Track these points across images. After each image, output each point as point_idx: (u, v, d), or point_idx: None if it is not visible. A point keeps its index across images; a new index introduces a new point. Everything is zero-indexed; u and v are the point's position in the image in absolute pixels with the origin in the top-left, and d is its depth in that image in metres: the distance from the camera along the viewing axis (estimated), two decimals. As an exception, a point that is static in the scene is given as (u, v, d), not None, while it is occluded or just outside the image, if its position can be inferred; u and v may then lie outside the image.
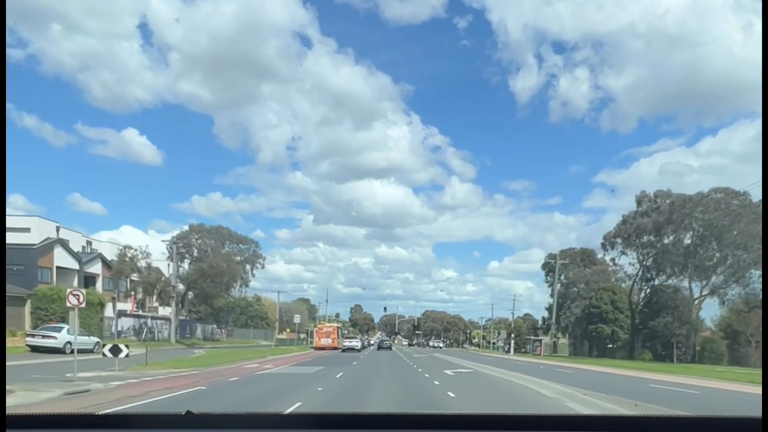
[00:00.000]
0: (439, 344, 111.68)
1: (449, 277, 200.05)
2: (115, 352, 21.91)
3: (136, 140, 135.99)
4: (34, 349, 29.59)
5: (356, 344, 59.56)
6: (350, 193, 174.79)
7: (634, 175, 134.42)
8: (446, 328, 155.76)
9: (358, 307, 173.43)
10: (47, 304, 39.28)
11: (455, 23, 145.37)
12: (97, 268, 55.86)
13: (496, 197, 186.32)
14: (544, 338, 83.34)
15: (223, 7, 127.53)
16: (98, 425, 2.09)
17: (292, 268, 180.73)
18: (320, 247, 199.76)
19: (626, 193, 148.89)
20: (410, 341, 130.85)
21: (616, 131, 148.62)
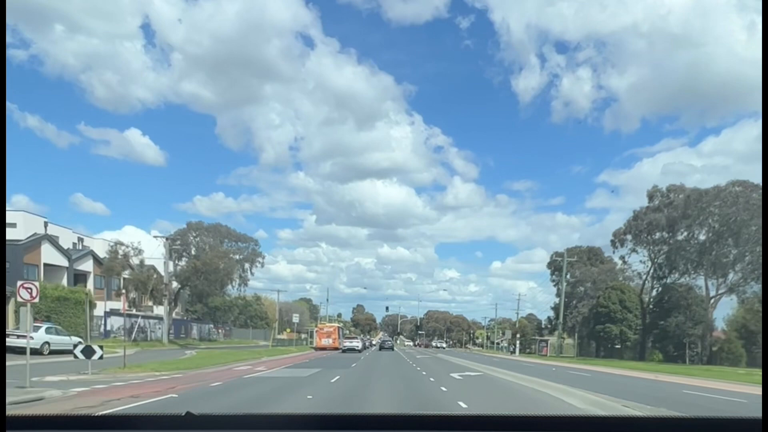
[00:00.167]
0: (441, 344, 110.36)
1: (452, 277, 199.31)
2: (87, 353, 19.97)
3: (138, 141, 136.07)
4: (9, 350, 27.55)
5: (357, 345, 57.35)
6: (353, 193, 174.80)
7: (636, 175, 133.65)
8: (449, 328, 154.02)
9: (360, 307, 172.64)
10: (31, 302, 37.44)
11: (458, 23, 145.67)
12: (88, 265, 53.82)
13: (498, 197, 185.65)
14: (550, 338, 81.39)
15: (225, 7, 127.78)
16: (98, 426, 2.11)
17: (294, 268, 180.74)
18: (323, 247, 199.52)
19: (629, 193, 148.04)
20: (416, 342, 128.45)
21: (618, 131, 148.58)
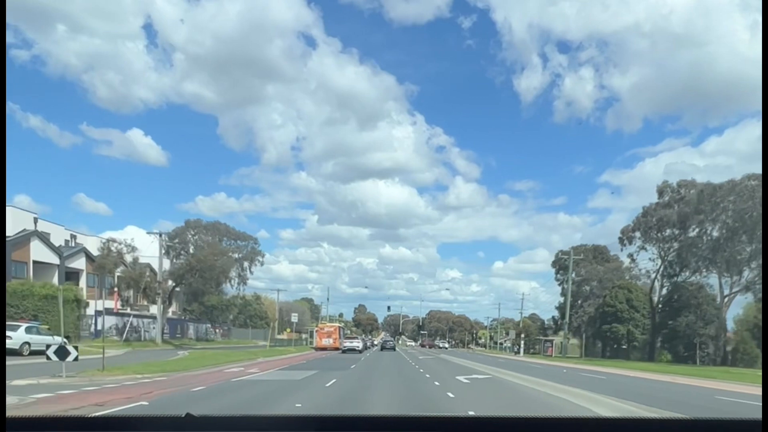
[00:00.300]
0: (444, 344, 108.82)
1: (454, 277, 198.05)
2: (61, 354, 18.32)
3: (140, 141, 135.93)
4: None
5: (357, 345, 55.62)
6: (355, 193, 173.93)
7: (639, 175, 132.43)
8: (451, 328, 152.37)
9: (362, 307, 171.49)
10: (18, 300, 36.18)
11: (460, 23, 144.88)
12: (80, 263, 52.15)
13: (500, 197, 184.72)
14: (555, 338, 79.71)
15: (227, 7, 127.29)
16: (98, 428, 2.11)
17: (296, 268, 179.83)
18: (324, 247, 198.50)
19: (632, 192, 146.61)
20: (418, 341, 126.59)
21: (621, 131, 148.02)
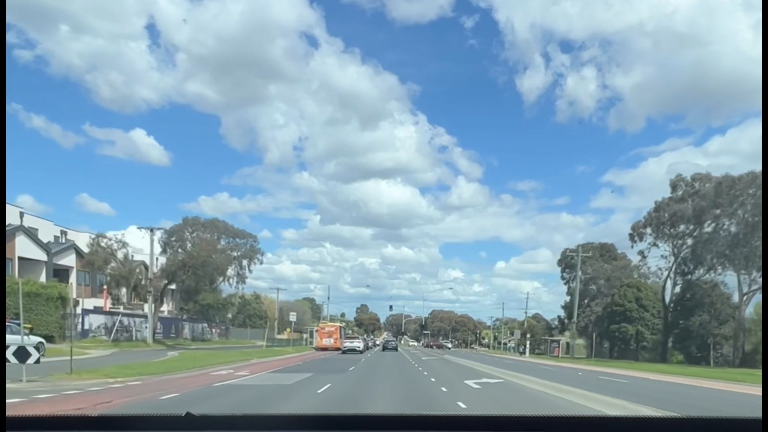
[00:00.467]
0: (447, 344, 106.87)
1: (456, 277, 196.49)
2: (20, 356, 16.29)
3: (143, 141, 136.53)
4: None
5: (358, 345, 53.46)
6: (357, 193, 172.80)
7: (642, 174, 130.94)
8: (454, 328, 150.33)
9: (364, 307, 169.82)
10: (-1, 298, 33.93)
11: (462, 23, 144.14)
12: (70, 260, 50.22)
13: (502, 197, 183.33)
14: (561, 338, 77.66)
15: (230, 7, 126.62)
16: (98, 427, 2.08)
17: (298, 268, 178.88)
18: (327, 247, 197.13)
19: (634, 192, 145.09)
20: (422, 341, 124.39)
21: (623, 131, 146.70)
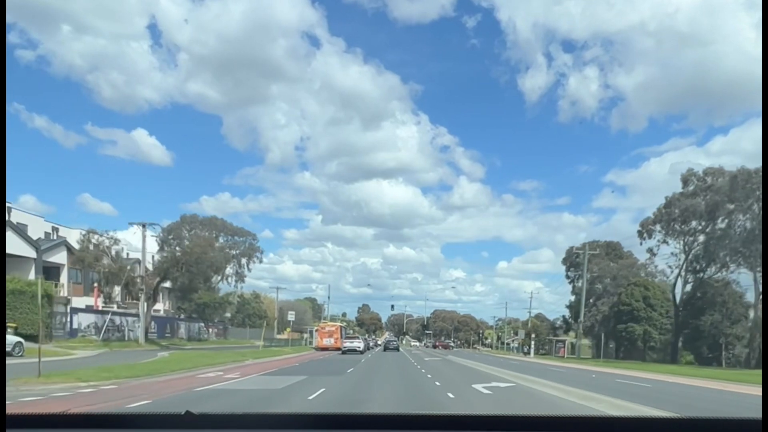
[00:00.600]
0: (450, 344, 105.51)
1: (458, 277, 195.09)
2: (-20, 357, 14.71)
3: (145, 141, 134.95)
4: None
5: (358, 345, 51.78)
6: (359, 193, 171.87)
7: (644, 174, 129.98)
8: (457, 327, 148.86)
9: (365, 306, 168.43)
10: (-19, 296, 32.37)
11: (464, 22, 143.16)
12: (61, 257, 48.53)
13: (504, 197, 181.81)
14: (567, 338, 76.14)
15: (231, 7, 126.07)
16: (98, 425, 2.09)
17: (300, 268, 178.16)
18: (328, 247, 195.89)
19: (636, 192, 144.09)
20: (424, 342, 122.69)
21: (625, 130, 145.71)
